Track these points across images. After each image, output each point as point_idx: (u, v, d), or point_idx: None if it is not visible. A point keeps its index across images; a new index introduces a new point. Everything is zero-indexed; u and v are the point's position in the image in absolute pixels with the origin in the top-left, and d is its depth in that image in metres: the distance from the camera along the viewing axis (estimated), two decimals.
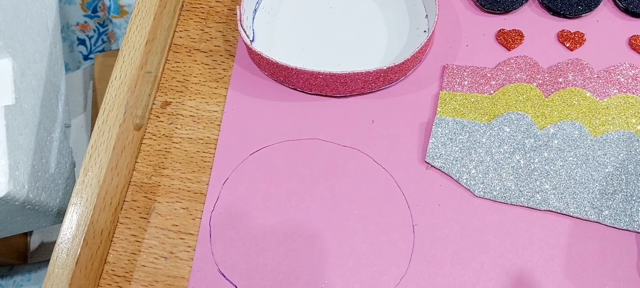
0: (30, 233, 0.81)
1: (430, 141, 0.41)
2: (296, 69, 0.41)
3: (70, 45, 0.93)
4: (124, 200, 0.43)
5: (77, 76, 0.80)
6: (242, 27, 0.44)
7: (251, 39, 0.46)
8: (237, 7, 0.44)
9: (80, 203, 0.39)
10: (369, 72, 0.41)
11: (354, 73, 0.41)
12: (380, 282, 0.39)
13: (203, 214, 0.42)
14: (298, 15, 0.47)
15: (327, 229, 0.41)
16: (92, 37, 0.93)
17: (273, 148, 0.43)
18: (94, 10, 0.92)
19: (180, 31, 0.48)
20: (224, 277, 0.40)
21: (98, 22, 0.93)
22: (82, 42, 0.93)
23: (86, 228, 0.38)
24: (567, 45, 0.43)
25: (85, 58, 0.94)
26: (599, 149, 0.39)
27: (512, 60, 0.43)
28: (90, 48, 0.93)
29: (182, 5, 0.49)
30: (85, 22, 0.92)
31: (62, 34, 0.76)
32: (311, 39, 0.46)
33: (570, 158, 0.39)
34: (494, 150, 0.40)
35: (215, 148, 0.44)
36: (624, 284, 0.37)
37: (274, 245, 0.40)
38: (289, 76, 0.43)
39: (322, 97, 0.44)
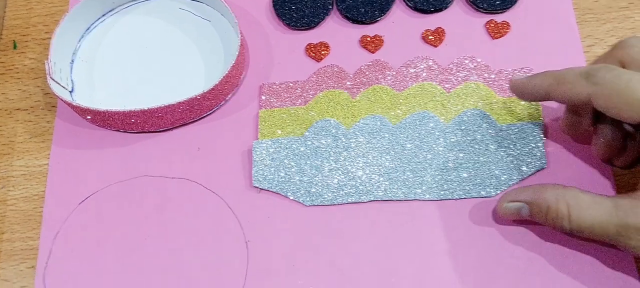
0: None
1: (253, 167, 0.42)
2: (109, 111, 0.42)
3: None
4: None
5: None
6: (53, 80, 0.43)
7: (70, 90, 0.46)
8: (45, 61, 0.44)
9: None
10: (181, 102, 0.42)
11: (166, 106, 0.42)
12: None
13: (36, 273, 0.41)
14: (115, 59, 0.47)
15: (165, 263, 0.41)
16: None
17: (101, 194, 0.43)
18: None
19: None
20: None
21: None
22: None
23: None
24: (369, 49, 0.46)
25: None
26: (401, 133, 0.42)
27: (322, 71, 0.46)
28: None
29: None
30: None
31: None
32: (131, 80, 0.47)
33: (377, 148, 0.42)
34: (312, 159, 0.42)
35: None
36: (437, 251, 0.40)
37: None
38: (107, 119, 0.43)
39: (147, 134, 0.45)
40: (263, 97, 0.45)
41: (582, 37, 0.46)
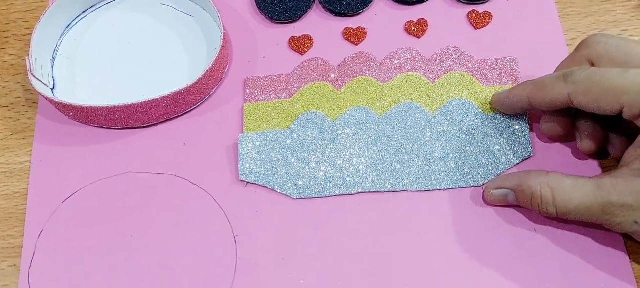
0: None
1: (239, 161, 0.42)
2: (91, 107, 0.41)
3: None
4: None
5: None
6: (34, 76, 0.43)
7: (52, 87, 0.45)
8: (26, 58, 0.43)
9: None
10: (165, 96, 0.41)
11: (150, 100, 0.41)
12: None
13: (20, 272, 0.40)
14: (97, 55, 0.47)
15: (152, 260, 0.41)
16: None
17: (85, 191, 0.43)
18: None
19: None
20: None
21: None
22: None
23: None
24: (352, 41, 0.46)
25: None
26: (388, 125, 0.42)
27: (306, 64, 0.45)
28: None
29: None
30: None
31: None
32: (114, 76, 0.46)
33: (364, 139, 0.42)
34: (299, 152, 0.42)
35: None
36: (426, 241, 0.40)
37: None
38: (90, 115, 0.43)
39: (131, 130, 0.44)
40: (248, 91, 0.45)
41: (565, 30, 0.46)
